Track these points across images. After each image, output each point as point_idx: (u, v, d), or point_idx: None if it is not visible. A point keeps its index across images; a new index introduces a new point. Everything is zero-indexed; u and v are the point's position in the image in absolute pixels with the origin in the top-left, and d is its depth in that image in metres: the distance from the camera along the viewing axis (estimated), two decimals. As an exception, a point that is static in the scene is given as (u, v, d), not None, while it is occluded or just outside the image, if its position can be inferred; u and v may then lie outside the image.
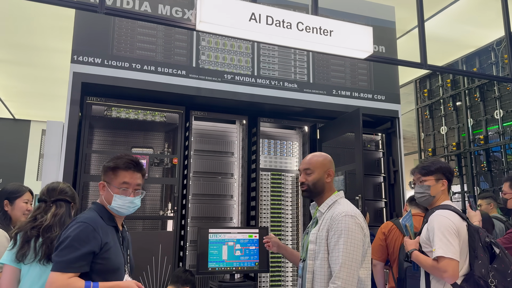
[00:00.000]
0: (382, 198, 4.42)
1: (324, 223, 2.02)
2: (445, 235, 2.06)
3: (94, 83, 3.48)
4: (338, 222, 1.95)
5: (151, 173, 3.83)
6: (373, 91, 4.40)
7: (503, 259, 1.99)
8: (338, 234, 1.93)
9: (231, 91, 3.86)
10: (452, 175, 2.33)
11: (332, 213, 2.01)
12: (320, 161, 2.16)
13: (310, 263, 2.01)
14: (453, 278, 2.03)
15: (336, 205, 2.07)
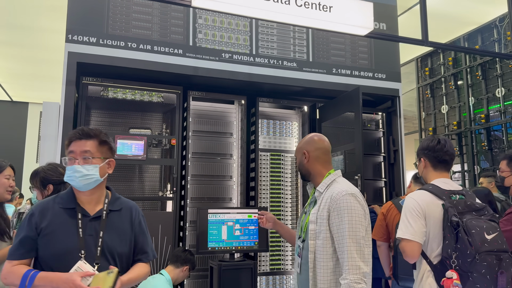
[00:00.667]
0: (382, 178, 4.41)
1: (324, 203, 2.01)
2: (407, 216, 2.09)
3: (89, 63, 3.42)
4: (339, 202, 1.94)
5: (150, 154, 3.80)
6: (374, 69, 4.33)
7: (463, 239, 1.93)
8: (341, 213, 1.93)
9: (229, 71, 3.80)
10: (432, 151, 2.22)
11: (331, 193, 1.99)
12: (298, 146, 2.22)
13: (312, 243, 1.99)
14: (411, 258, 2.05)
15: (335, 184, 2.05)
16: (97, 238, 1.78)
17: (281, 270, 4.11)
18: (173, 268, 3.26)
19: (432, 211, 2.06)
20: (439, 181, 2.17)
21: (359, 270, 1.84)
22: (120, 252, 1.83)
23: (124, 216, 1.91)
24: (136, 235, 1.90)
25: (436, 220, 2.05)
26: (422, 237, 2.04)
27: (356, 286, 1.82)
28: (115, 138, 3.52)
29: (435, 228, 2.05)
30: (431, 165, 2.23)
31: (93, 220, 1.81)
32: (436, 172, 2.22)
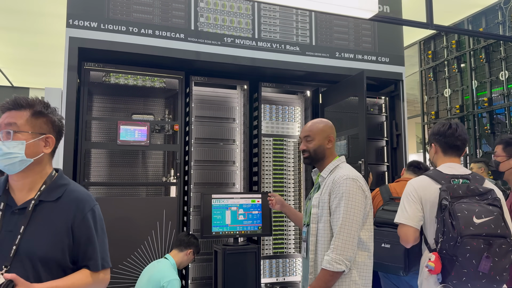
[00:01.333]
0: (384, 162, 4.41)
1: (326, 187, 2.05)
2: (403, 201, 2.11)
3: (91, 48, 3.39)
4: (339, 185, 1.98)
5: (153, 140, 3.80)
6: (377, 53, 4.29)
7: (447, 223, 1.92)
8: (340, 197, 1.97)
9: (231, 55, 3.76)
10: (443, 136, 2.19)
11: (333, 177, 2.04)
12: (320, 127, 2.17)
13: (313, 226, 2.04)
14: (405, 243, 2.08)
15: (338, 169, 2.10)
16: (16, 235, 1.42)
17: (284, 254, 4.16)
18: (177, 252, 3.30)
19: (428, 195, 2.06)
20: (443, 166, 2.16)
21: (344, 252, 1.90)
22: (44, 256, 1.43)
23: (61, 209, 1.50)
24: (77, 236, 1.49)
25: (433, 204, 2.05)
26: (418, 221, 2.05)
27: (335, 265, 1.89)
28: (118, 124, 3.52)
29: (432, 213, 2.06)
30: (441, 150, 2.21)
31: (18, 212, 1.46)
32: (446, 157, 2.20)
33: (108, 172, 3.78)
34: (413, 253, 2.70)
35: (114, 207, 3.45)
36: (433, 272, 1.93)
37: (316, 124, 2.20)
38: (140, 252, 3.48)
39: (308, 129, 2.20)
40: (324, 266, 1.92)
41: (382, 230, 2.77)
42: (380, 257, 2.78)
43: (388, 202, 2.93)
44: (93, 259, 1.53)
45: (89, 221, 1.53)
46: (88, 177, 3.68)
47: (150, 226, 3.53)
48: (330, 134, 2.18)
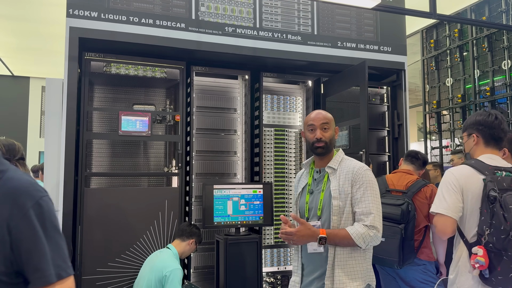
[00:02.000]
0: (386, 152, 4.41)
1: (343, 178, 2.03)
2: (442, 190, 2.02)
3: (91, 38, 3.37)
4: (362, 176, 2.01)
5: (154, 130, 3.81)
6: (379, 42, 4.26)
7: (498, 214, 1.80)
8: (365, 186, 1.99)
9: (232, 45, 3.74)
10: (489, 127, 2.08)
11: (351, 168, 2.04)
12: (332, 118, 2.19)
13: (335, 219, 2.00)
14: (443, 234, 1.97)
15: (347, 160, 2.12)
16: None
17: (285, 243, 4.19)
18: (179, 242, 3.32)
19: (471, 186, 1.96)
20: (484, 157, 2.06)
21: (375, 232, 1.93)
22: None
23: None
24: (15, 240, 1.09)
25: (475, 195, 1.95)
26: (457, 212, 1.95)
27: (360, 241, 1.93)
28: (119, 114, 3.52)
29: (473, 204, 1.95)
30: (483, 141, 2.10)
31: None
32: (487, 148, 2.10)
33: (110, 162, 3.79)
34: (408, 247, 2.72)
35: (116, 197, 3.47)
36: (482, 267, 1.82)
37: (328, 114, 2.18)
38: (143, 241, 3.51)
39: (325, 117, 2.13)
40: (351, 233, 1.92)
41: None
42: (375, 250, 2.80)
43: (384, 195, 2.92)
44: (40, 270, 1.10)
45: (32, 219, 1.10)
46: (90, 168, 3.69)
47: (152, 216, 3.55)
48: (335, 127, 2.20)
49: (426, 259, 2.78)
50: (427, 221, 2.82)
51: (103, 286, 3.38)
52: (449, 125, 6.29)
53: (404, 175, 2.98)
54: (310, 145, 2.13)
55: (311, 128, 2.13)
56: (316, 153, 2.13)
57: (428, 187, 2.86)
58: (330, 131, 2.12)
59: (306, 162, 2.25)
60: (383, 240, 2.71)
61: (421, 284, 2.76)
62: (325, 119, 2.12)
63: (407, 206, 2.72)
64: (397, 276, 2.86)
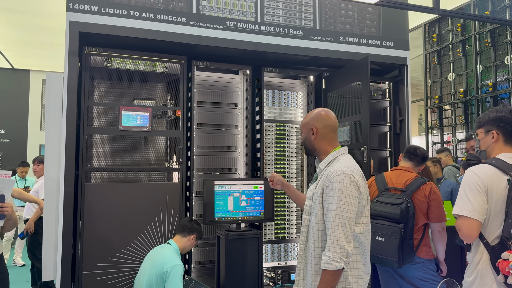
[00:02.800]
0: (387, 148, 4.40)
1: (321, 181, 2.03)
2: (466, 191, 1.89)
3: (91, 32, 3.35)
4: (332, 181, 1.93)
5: (155, 125, 3.79)
6: (382, 37, 4.22)
7: None
8: (332, 193, 1.92)
9: (234, 40, 3.71)
10: (510, 124, 2.00)
11: (328, 171, 2.00)
12: (305, 121, 2.17)
13: (306, 218, 2.07)
14: (467, 238, 1.86)
15: (335, 162, 2.04)
16: None
17: (286, 239, 4.19)
18: (180, 237, 3.32)
19: (495, 187, 1.87)
20: (505, 156, 1.97)
21: (341, 248, 1.84)
22: None
23: None
24: None
25: (500, 197, 1.86)
26: (483, 214, 1.85)
27: (333, 263, 1.84)
28: (120, 109, 3.50)
29: (497, 206, 1.86)
30: (503, 139, 2.01)
31: None
32: (506, 147, 2.02)
33: (110, 157, 3.78)
34: (407, 246, 2.71)
35: (116, 192, 3.47)
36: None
37: (305, 117, 2.19)
38: (144, 237, 3.51)
39: (301, 123, 2.24)
40: (323, 267, 1.87)
41: (376, 223, 2.72)
42: (374, 249, 2.76)
43: (383, 193, 2.91)
44: None
45: None
46: (90, 163, 3.69)
47: (153, 211, 3.55)
48: (313, 125, 2.11)
49: (425, 257, 2.78)
50: (426, 219, 2.81)
51: (104, 281, 3.39)
52: (451, 120, 6.27)
53: (403, 173, 2.96)
54: None
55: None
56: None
57: (427, 185, 2.84)
58: (302, 134, 2.19)
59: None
60: (382, 240, 2.71)
61: (421, 282, 2.75)
62: (300, 125, 2.23)
63: (406, 205, 2.70)
64: (397, 274, 2.86)
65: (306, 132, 2.15)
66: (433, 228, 2.82)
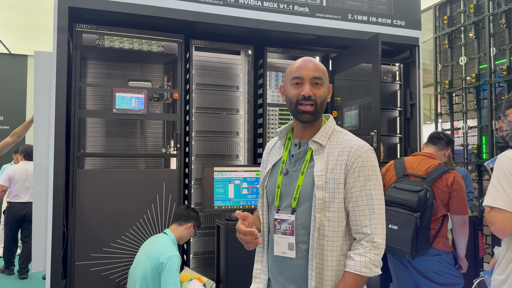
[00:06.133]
0: (397, 134, 4.17)
1: (334, 160, 1.46)
2: (500, 180, 1.65)
3: (82, 8, 3.11)
4: (364, 160, 1.45)
5: (151, 108, 3.58)
6: (392, 15, 3.97)
7: None
8: (366, 175, 1.45)
9: (234, 16, 3.47)
10: None
11: (347, 146, 1.48)
12: (323, 68, 1.53)
13: (319, 216, 1.44)
14: (502, 233, 1.65)
15: (340, 134, 1.54)
16: None
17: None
18: (177, 226, 3.14)
19: None
20: None
21: (380, 249, 1.44)
22: None
23: None
24: None
25: None
26: None
27: (373, 269, 1.42)
28: (113, 91, 3.29)
29: None
30: None
31: None
32: None
33: (104, 142, 3.58)
34: (422, 237, 2.49)
35: (111, 179, 3.27)
36: None
37: (322, 65, 1.55)
38: (139, 226, 3.32)
39: (317, 67, 1.49)
40: (357, 271, 1.41)
41: (390, 210, 2.55)
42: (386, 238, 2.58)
43: (401, 179, 2.70)
44: None
45: None
46: (83, 148, 3.48)
47: (149, 199, 3.36)
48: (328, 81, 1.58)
49: (442, 249, 2.57)
50: (446, 210, 2.59)
51: (97, 272, 3.21)
52: (462, 106, 6.02)
53: (425, 159, 2.73)
54: (293, 105, 1.50)
55: (297, 82, 1.49)
56: (301, 119, 1.49)
57: (450, 174, 2.60)
58: (323, 88, 1.50)
59: (282, 129, 1.62)
60: (395, 229, 2.50)
61: (436, 275, 2.55)
62: (317, 71, 1.49)
63: (425, 193, 2.49)
64: (410, 266, 2.66)
65: (325, 90, 1.51)
66: (454, 220, 2.60)
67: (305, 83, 1.48)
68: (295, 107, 1.50)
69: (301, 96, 1.47)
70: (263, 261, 1.64)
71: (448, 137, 2.87)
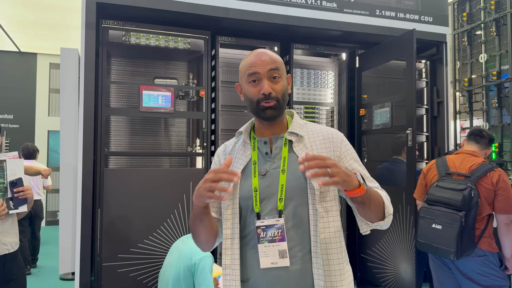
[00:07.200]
0: (424, 132, 4.09)
1: (318, 149, 1.38)
2: None
3: (110, 3, 3.05)
4: (346, 143, 1.41)
5: (176, 106, 3.51)
6: (420, 12, 3.89)
7: None
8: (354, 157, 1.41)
9: (262, 12, 3.40)
10: None
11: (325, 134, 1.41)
12: (277, 58, 1.39)
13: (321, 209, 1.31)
14: None
15: (310, 125, 1.46)
16: None
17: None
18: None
19: None
20: None
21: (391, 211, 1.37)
22: None
23: None
24: None
25: None
26: None
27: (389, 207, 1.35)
28: (140, 89, 3.22)
29: None
30: None
31: None
32: None
33: (129, 141, 3.51)
34: (467, 237, 2.42)
35: (137, 178, 3.21)
36: None
37: (275, 54, 1.41)
38: (167, 226, 3.26)
39: (272, 59, 1.36)
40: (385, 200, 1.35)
41: (433, 209, 2.50)
42: (430, 238, 2.52)
43: (444, 178, 2.62)
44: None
45: None
46: (108, 146, 3.42)
47: (176, 199, 3.29)
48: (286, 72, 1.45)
49: (487, 250, 2.50)
50: (491, 209, 2.52)
51: (125, 273, 3.15)
52: (482, 104, 5.94)
53: (468, 157, 2.65)
54: (254, 104, 1.36)
55: (253, 79, 1.36)
56: (264, 115, 1.36)
57: (495, 172, 2.53)
58: (282, 81, 1.36)
59: (244, 129, 1.47)
60: (439, 228, 2.43)
61: (481, 277, 2.48)
62: (272, 62, 1.36)
63: (470, 191, 2.41)
64: (454, 266, 2.59)
65: (284, 82, 1.38)
66: (499, 220, 2.53)
67: (262, 79, 1.34)
68: (256, 105, 1.36)
69: (261, 95, 1.33)
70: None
71: (490, 135, 2.80)
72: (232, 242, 1.36)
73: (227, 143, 1.53)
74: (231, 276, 1.35)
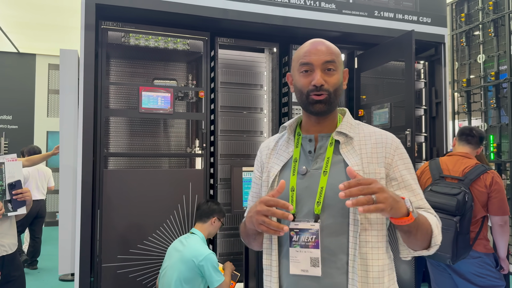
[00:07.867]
0: (422, 132, 4.11)
1: (368, 153, 1.26)
2: None
3: (109, 4, 3.05)
4: (401, 151, 1.28)
5: (176, 107, 3.52)
6: (418, 12, 3.90)
7: None
8: (408, 167, 1.28)
9: (262, 13, 3.41)
10: None
11: (378, 137, 1.29)
12: (337, 51, 1.30)
13: (361, 219, 1.20)
14: None
15: (363, 126, 1.35)
16: None
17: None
18: (201, 224, 3.04)
19: None
20: None
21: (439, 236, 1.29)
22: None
23: None
24: None
25: None
26: None
27: (438, 236, 1.27)
28: (140, 90, 3.23)
29: None
30: None
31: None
32: None
33: (128, 142, 3.52)
34: (462, 241, 2.43)
35: (137, 179, 3.21)
36: None
37: (334, 46, 1.31)
38: (166, 227, 3.26)
39: (329, 50, 1.26)
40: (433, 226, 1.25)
41: None
42: None
43: (438, 182, 2.62)
44: None
45: None
46: (107, 147, 3.43)
47: (176, 200, 3.30)
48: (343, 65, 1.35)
49: (483, 251, 2.51)
50: (486, 211, 2.53)
51: (125, 274, 3.15)
52: (480, 104, 5.96)
53: (461, 159, 2.66)
54: (304, 96, 1.27)
55: (306, 69, 1.26)
56: (313, 110, 1.26)
57: (489, 174, 2.53)
58: (337, 74, 1.26)
59: (289, 124, 1.37)
60: None
61: (478, 278, 2.49)
62: (329, 53, 1.25)
63: (464, 196, 2.41)
64: (450, 269, 2.60)
65: (340, 76, 1.28)
66: (494, 221, 2.53)
67: (315, 70, 1.24)
68: (306, 98, 1.26)
69: (311, 87, 1.23)
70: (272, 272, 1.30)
71: (480, 133, 2.77)
72: (271, 242, 1.31)
73: (271, 138, 1.46)
74: (270, 278, 1.31)
